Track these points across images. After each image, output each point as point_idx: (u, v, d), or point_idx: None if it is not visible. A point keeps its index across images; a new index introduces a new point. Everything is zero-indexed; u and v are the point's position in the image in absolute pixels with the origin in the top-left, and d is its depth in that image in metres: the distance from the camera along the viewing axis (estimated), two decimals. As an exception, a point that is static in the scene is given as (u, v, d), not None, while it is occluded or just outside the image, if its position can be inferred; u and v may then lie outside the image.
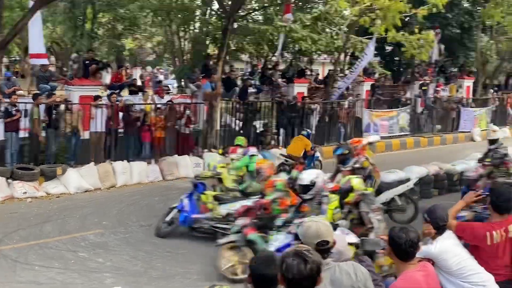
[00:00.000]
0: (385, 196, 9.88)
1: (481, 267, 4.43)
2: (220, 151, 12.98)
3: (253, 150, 10.98)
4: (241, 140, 11.49)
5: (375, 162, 10.17)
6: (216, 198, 9.20)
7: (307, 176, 7.67)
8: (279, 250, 6.17)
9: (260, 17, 24.19)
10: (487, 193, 4.82)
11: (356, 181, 7.72)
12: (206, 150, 15.18)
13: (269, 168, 8.84)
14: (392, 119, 20.23)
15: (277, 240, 6.75)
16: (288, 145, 14.70)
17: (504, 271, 4.65)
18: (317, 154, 14.71)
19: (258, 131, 16.77)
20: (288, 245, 6.19)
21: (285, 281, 2.62)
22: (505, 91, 29.15)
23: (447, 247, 4.35)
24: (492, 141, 10.97)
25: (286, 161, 13.41)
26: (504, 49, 27.75)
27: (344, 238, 4.15)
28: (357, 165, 9.45)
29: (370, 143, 18.43)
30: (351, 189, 7.58)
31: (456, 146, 20.61)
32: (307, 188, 7.43)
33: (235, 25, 19.05)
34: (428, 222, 4.44)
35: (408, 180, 11.96)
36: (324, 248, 3.22)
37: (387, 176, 11.82)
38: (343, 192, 7.65)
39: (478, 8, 25.01)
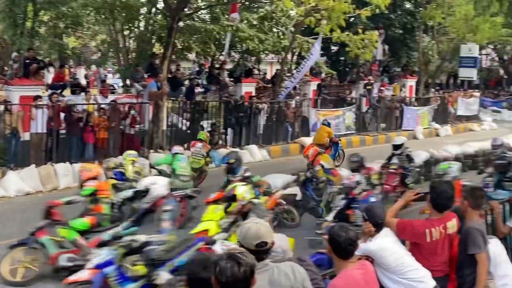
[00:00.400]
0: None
1: (418, 263, 4.52)
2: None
3: (177, 148, 11.26)
4: (202, 134, 12.51)
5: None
6: (114, 186, 9.32)
7: (146, 181, 7.50)
8: (99, 267, 5.83)
9: (207, 16, 24.08)
10: (425, 191, 4.89)
11: (241, 190, 7.20)
12: (152, 150, 14.95)
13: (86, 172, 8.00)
14: (338, 118, 20.50)
15: (99, 256, 6.04)
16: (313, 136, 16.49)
17: (442, 267, 4.77)
18: (341, 144, 16.08)
19: (205, 131, 16.64)
20: (109, 262, 5.82)
21: (219, 284, 2.58)
22: (446, 90, 30.12)
23: (385, 244, 4.43)
24: (396, 147, 11.36)
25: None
26: (445, 49, 28.64)
27: (286, 238, 4.13)
28: (246, 174, 9.06)
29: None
30: (234, 198, 7.16)
31: (399, 145, 21.02)
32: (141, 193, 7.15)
33: (181, 24, 18.87)
34: (367, 221, 4.50)
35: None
36: (263, 249, 3.20)
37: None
38: (227, 201, 7.32)
39: (420, 9, 25.68)
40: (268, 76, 25.62)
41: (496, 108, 33.01)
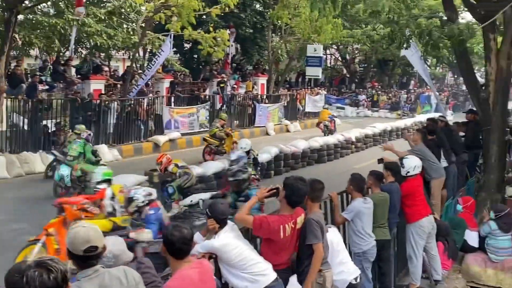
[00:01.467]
0: (191, 198, 9.74)
1: (260, 257, 4.58)
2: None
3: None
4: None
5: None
6: None
7: None
8: None
9: (52, 10, 22.72)
10: (276, 187, 4.91)
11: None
12: (-11, 153, 13.74)
13: None
14: (192, 116, 20.48)
15: None
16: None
17: (287, 260, 4.88)
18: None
19: (50, 131, 15.68)
20: None
21: None
22: (295, 88, 31.53)
23: (228, 240, 4.43)
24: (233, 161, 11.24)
25: None
26: (293, 49, 29.92)
27: (122, 241, 3.96)
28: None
29: (171, 140, 18.70)
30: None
31: (252, 140, 21.51)
32: None
33: (21, 17, 17.58)
34: (210, 218, 4.47)
35: (205, 176, 12.27)
36: (93, 254, 3.01)
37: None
38: None
39: (268, 9, 26.52)
40: (119, 73, 24.82)
41: (340, 105, 35.34)
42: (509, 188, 12.25)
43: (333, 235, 5.52)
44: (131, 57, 22.70)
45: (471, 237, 8.63)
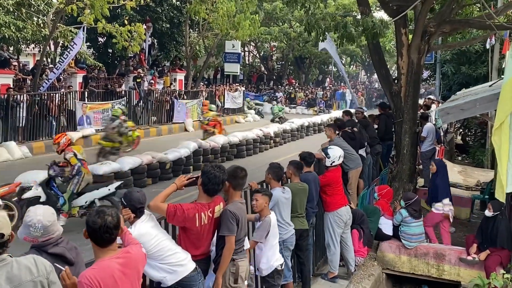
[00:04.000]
0: (85, 199, 9.33)
1: (178, 247, 4.45)
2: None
3: None
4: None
5: (85, 157, 9.71)
6: None
7: None
8: None
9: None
10: (196, 176, 4.79)
11: None
12: None
13: None
14: (107, 112, 19.85)
15: None
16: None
17: (206, 250, 4.77)
18: None
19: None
20: None
21: None
22: (213, 84, 31.44)
23: (145, 229, 4.25)
24: None
25: None
26: (211, 45, 29.79)
27: (53, 212, 3.64)
28: None
29: (84, 137, 18.03)
30: None
31: (171, 137, 21.28)
32: None
33: None
34: (125, 207, 4.27)
35: (122, 171, 11.91)
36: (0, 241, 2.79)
37: (99, 168, 11.54)
38: None
39: (185, 4, 26.21)
40: (29, 68, 23.61)
41: (258, 101, 35.62)
42: (420, 179, 12.83)
43: (274, 217, 5.63)
44: (41, 50, 21.67)
45: (386, 225, 8.91)
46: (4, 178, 11.94)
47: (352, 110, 13.41)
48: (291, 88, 41.02)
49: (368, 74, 59.31)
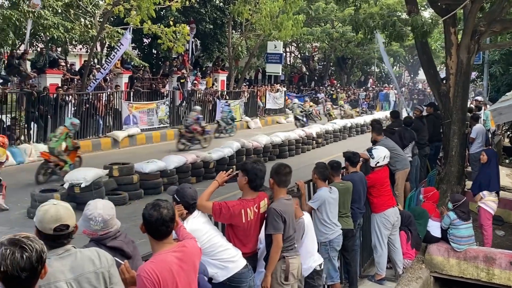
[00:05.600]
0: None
1: (229, 243, 4.47)
2: None
3: None
4: None
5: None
6: None
7: None
8: None
9: (6, 2, 21.97)
10: (236, 172, 4.84)
11: None
12: None
13: None
14: (151, 111, 20.17)
15: None
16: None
17: (254, 246, 4.78)
18: None
19: (5, 125, 15.14)
20: None
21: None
22: (255, 85, 31.50)
23: (197, 225, 4.29)
24: None
25: None
26: (253, 46, 29.86)
27: (112, 206, 3.71)
28: None
29: (130, 136, 18.35)
30: None
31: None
32: None
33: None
34: (178, 203, 4.32)
35: (167, 170, 12.09)
36: (63, 233, 2.86)
37: (146, 166, 11.73)
38: None
39: (228, 5, 26.38)
40: (77, 69, 24.19)
41: (299, 102, 35.45)
42: (468, 181, 12.54)
43: (308, 218, 5.54)
44: (88, 51, 22.17)
45: (434, 227, 8.74)
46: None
47: (405, 112, 13.20)
48: (333, 89, 40.73)
49: (411, 75, 58.31)
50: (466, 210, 8.50)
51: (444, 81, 10.88)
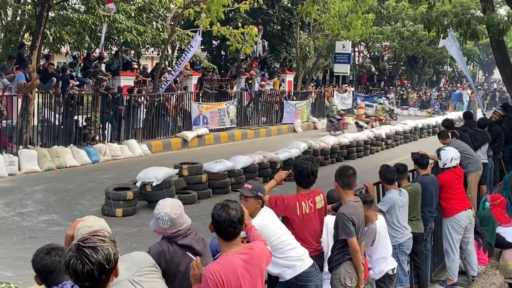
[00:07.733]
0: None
1: (297, 242, 4.47)
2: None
3: None
4: None
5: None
6: None
7: None
8: None
9: (82, 6, 22.98)
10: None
11: None
12: (21, 146, 13.89)
13: None
14: (222, 111, 20.47)
15: None
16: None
17: (315, 245, 4.76)
18: None
19: (81, 126, 15.83)
20: None
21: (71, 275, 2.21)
22: (323, 85, 31.31)
23: (267, 220, 4.31)
24: None
25: None
26: (321, 46, 29.68)
27: (180, 204, 3.80)
28: None
29: (199, 136, 18.70)
30: None
31: (280, 137, 21.50)
32: None
33: (53, 14, 17.79)
34: (260, 198, 4.37)
35: (234, 170, 12.23)
36: None
37: (214, 166, 11.92)
38: None
39: (296, 6, 26.37)
40: (149, 71, 24.93)
41: (368, 102, 34.90)
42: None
43: (381, 222, 5.48)
44: (160, 54, 22.80)
45: (508, 233, 8.39)
46: (127, 175, 12.75)
47: (480, 113, 12.74)
48: (403, 89, 39.82)
49: (486, 74, 56.12)
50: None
51: (522, 81, 10.43)
